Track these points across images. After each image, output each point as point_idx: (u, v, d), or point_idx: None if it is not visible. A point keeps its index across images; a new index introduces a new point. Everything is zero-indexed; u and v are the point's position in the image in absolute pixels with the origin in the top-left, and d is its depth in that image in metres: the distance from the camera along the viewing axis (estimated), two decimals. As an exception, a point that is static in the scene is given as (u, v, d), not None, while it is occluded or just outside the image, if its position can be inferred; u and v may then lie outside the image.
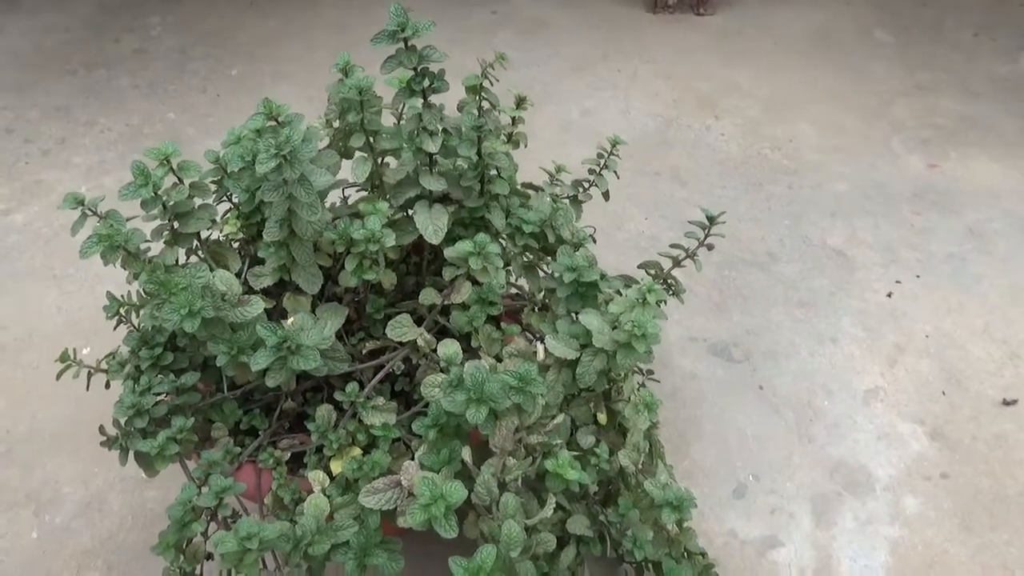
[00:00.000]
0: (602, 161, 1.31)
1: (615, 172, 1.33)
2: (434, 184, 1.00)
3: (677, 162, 2.23)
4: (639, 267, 1.34)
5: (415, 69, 0.93)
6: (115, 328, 1.10)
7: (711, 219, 1.26)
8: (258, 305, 0.87)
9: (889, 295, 1.85)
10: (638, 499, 1.04)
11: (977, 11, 2.95)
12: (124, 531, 1.36)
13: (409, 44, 0.91)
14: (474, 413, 0.80)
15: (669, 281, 1.32)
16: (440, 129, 0.98)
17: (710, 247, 1.30)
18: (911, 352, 1.72)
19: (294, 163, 0.81)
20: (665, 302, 1.35)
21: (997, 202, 2.11)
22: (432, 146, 0.96)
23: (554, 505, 0.90)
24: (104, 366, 1.06)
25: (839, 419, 1.59)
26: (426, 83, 0.94)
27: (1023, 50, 2.74)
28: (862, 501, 1.46)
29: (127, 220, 1.01)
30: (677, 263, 1.31)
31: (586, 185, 1.34)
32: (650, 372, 1.48)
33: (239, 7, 2.85)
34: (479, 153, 0.98)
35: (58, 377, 1.06)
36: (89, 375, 1.07)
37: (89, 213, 0.99)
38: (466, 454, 0.87)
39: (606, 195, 1.36)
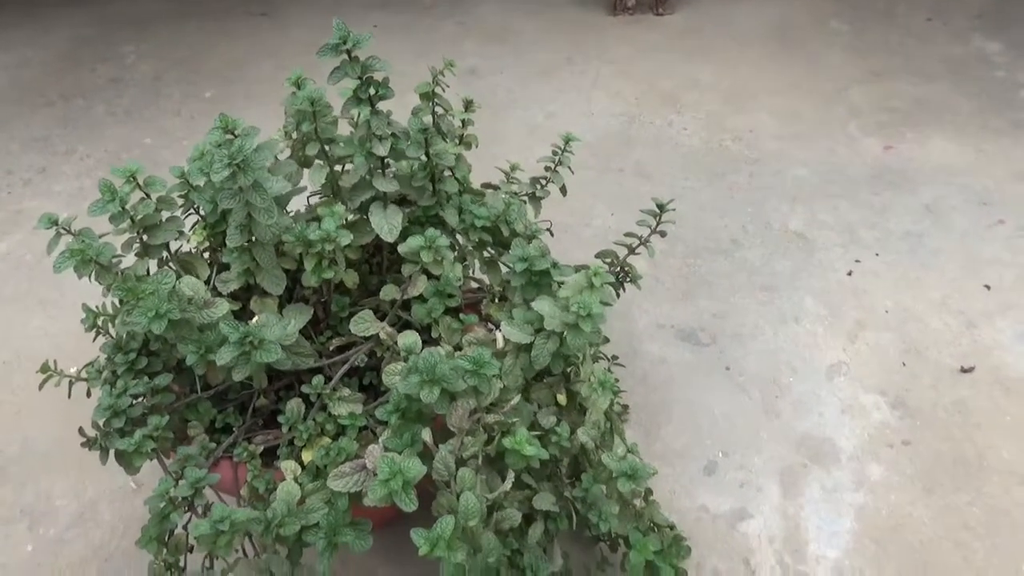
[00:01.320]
0: (557, 158, 1.38)
1: (569, 168, 1.39)
2: (386, 186, 1.06)
3: (641, 157, 2.29)
4: (596, 256, 1.40)
5: (360, 78, 0.99)
6: (94, 340, 1.16)
7: (661, 207, 1.32)
8: (223, 306, 0.92)
9: (849, 274, 1.91)
10: (598, 473, 1.10)
11: (929, -4, 3.03)
12: (116, 538, 1.41)
13: (352, 55, 0.97)
14: (427, 393, 0.85)
15: (626, 268, 1.38)
16: (389, 133, 1.04)
17: (663, 234, 1.36)
18: (872, 327, 1.78)
19: (247, 171, 0.87)
20: (619, 291, 1.42)
21: (952, 179, 2.18)
22: (382, 150, 1.02)
23: (513, 479, 0.95)
24: (83, 375, 1.11)
25: (804, 395, 1.65)
26: (372, 91, 1.00)
27: (975, 32, 2.82)
28: (828, 471, 1.51)
29: (100, 236, 1.07)
30: (632, 251, 1.37)
31: (543, 182, 1.40)
32: (615, 358, 1.54)
33: (209, 32, 2.91)
34: (427, 154, 1.03)
35: (40, 387, 1.12)
36: (70, 383, 1.12)
37: (63, 232, 1.05)
38: (426, 435, 0.92)
39: (563, 190, 1.42)
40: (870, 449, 1.54)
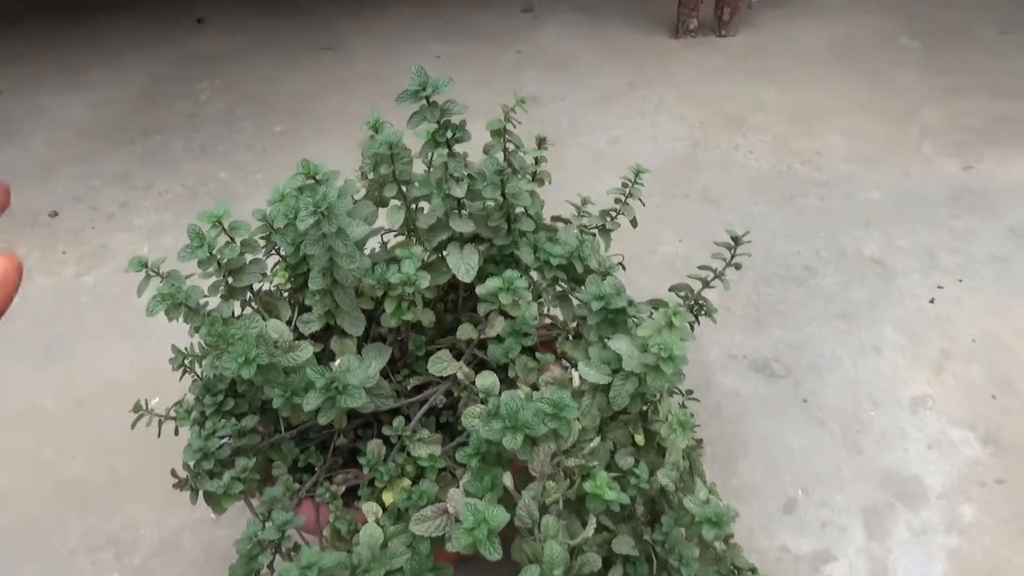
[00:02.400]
0: (627, 190, 1.36)
1: (640, 200, 1.37)
2: (463, 226, 1.07)
3: (707, 182, 2.27)
4: (669, 290, 1.38)
5: (438, 122, 1.01)
6: (180, 379, 1.19)
7: (736, 239, 1.29)
8: (307, 350, 0.94)
9: (931, 301, 1.85)
10: (680, 517, 1.07)
11: (1002, 10, 2.93)
12: (197, 569, 1.44)
13: (431, 100, 0.99)
14: (511, 440, 0.85)
15: (700, 302, 1.36)
16: (465, 175, 1.05)
17: (738, 267, 1.33)
18: (958, 357, 1.71)
19: (331, 218, 0.89)
20: (694, 325, 1.39)
21: (1038, 200, 2.09)
22: (459, 191, 1.03)
23: (595, 525, 0.93)
24: (172, 414, 1.14)
25: (887, 429, 1.59)
26: (449, 134, 1.01)
27: (1056, 44, 2.71)
28: (915, 511, 1.45)
29: (187, 277, 1.11)
30: (707, 284, 1.34)
31: (613, 214, 1.39)
32: (689, 392, 1.51)
33: (278, 67, 3.01)
34: (503, 194, 1.04)
35: (132, 426, 1.16)
36: (160, 423, 1.16)
37: (152, 274, 1.08)
38: (507, 480, 0.92)
39: (633, 222, 1.41)
40: (960, 488, 1.48)
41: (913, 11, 2.97)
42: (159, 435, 1.17)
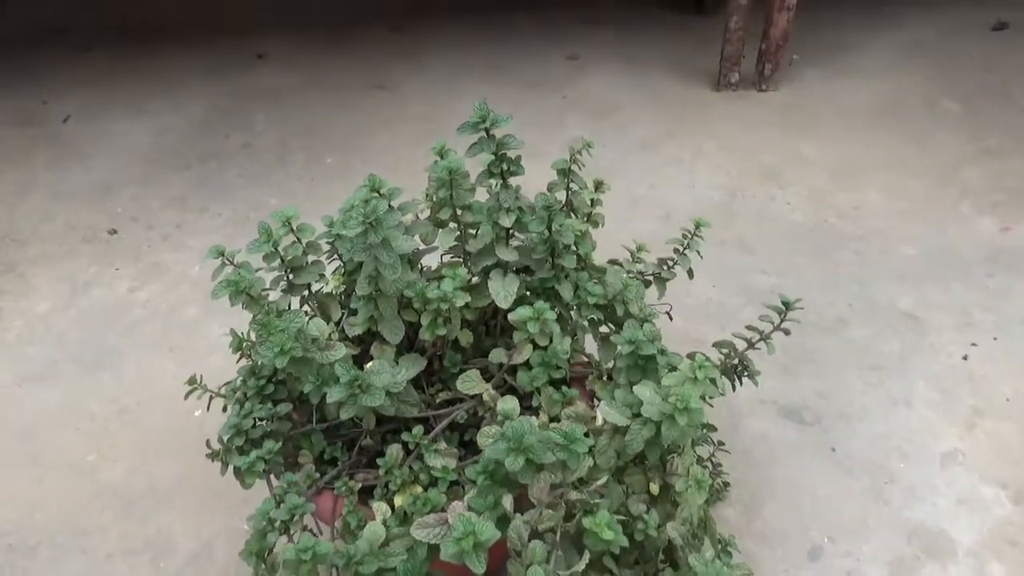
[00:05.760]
0: (686, 241, 1.39)
1: (698, 252, 1.40)
2: (508, 255, 1.12)
3: (743, 231, 2.30)
4: (713, 346, 1.39)
5: (495, 154, 1.07)
6: (237, 361, 1.29)
7: (787, 304, 1.29)
8: (341, 350, 1.00)
9: (965, 358, 1.84)
10: (683, 574, 1.07)
11: (1047, 75, 2.95)
12: (229, 578, 1.48)
13: (490, 133, 1.06)
14: (512, 461, 0.88)
15: (745, 363, 1.37)
16: (516, 207, 1.11)
17: (787, 332, 1.32)
18: (991, 415, 1.70)
19: (378, 229, 0.96)
20: (734, 378, 1.40)
21: (1077, 263, 2.08)
22: (507, 221, 1.09)
23: (588, 560, 0.94)
24: (222, 391, 1.24)
25: (916, 482, 1.58)
26: (504, 167, 1.07)
27: (1099, 111, 2.72)
28: (943, 566, 1.44)
29: (256, 271, 1.19)
30: (751, 345, 1.36)
31: (670, 264, 1.42)
32: (721, 444, 1.51)
33: (331, 104, 3.14)
34: (549, 229, 1.10)
35: (186, 397, 1.27)
36: (211, 398, 1.27)
37: (227, 263, 1.17)
38: (507, 502, 0.95)
39: (690, 273, 1.43)
40: (991, 546, 1.46)
41: (955, 74, 3.01)
42: (208, 408, 1.24)
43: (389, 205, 1.13)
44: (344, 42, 3.61)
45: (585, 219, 1.26)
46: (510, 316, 1.11)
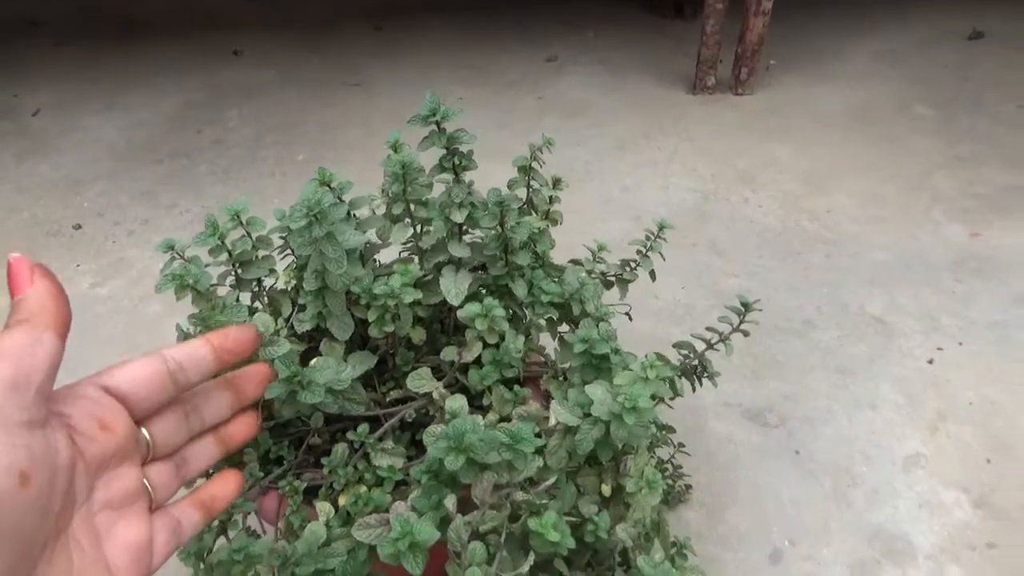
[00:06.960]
0: (649, 243, 1.37)
1: (661, 254, 1.38)
2: (460, 251, 1.10)
3: (714, 234, 2.30)
4: (673, 346, 1.38)
5: (446, 148, 1.05)
6: None
7: (746, 305, 1.26)
8: (285, 346, 0.97)
9: (930, 362, 1.84)
10: None
11: (1020, 84, 2.97)
12: (179, 579, 1.45)
13: (441, 127, 1.04)
14: (452, 460, 0.85)
15: (704, 363, 1.35)
16: (468, 202, 1.08)
17: (745, 333, 1.31)
18: (954, 419, 1.70)
19: (323, 222, 0.93)
20: (693, 379, 1.38)
21: (1044, 269, 2.09)
22: (459, 217, 1.06)
23: (533, 562, 0.92)
24: None
25: (878, 485, 1.58)
26: (456, 161, 1.05)
27: (1069, 120, 2.74)
28: (903, 570, 1.43)
29: (206, 267, 1.15)
30: (710, 346, 1.34)
31: (632, 265, 1.40)
32: (681, 445, 1.49)
33: (306, 100, 3.11)
34: (501, 225, 1.08)
35: None
36: None
37: (177, 257, 1.13)
38: (449, 502, 0.92)
39: (652, 275, 1.41)
40: (950, 550, 1.46)
41: (931, 81, 3.02)
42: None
43: (339, 199, 1.11)
44: (322, 39, 3.59)
45: (543, 216, 1.24)
46: (459, 313, 1.09)
